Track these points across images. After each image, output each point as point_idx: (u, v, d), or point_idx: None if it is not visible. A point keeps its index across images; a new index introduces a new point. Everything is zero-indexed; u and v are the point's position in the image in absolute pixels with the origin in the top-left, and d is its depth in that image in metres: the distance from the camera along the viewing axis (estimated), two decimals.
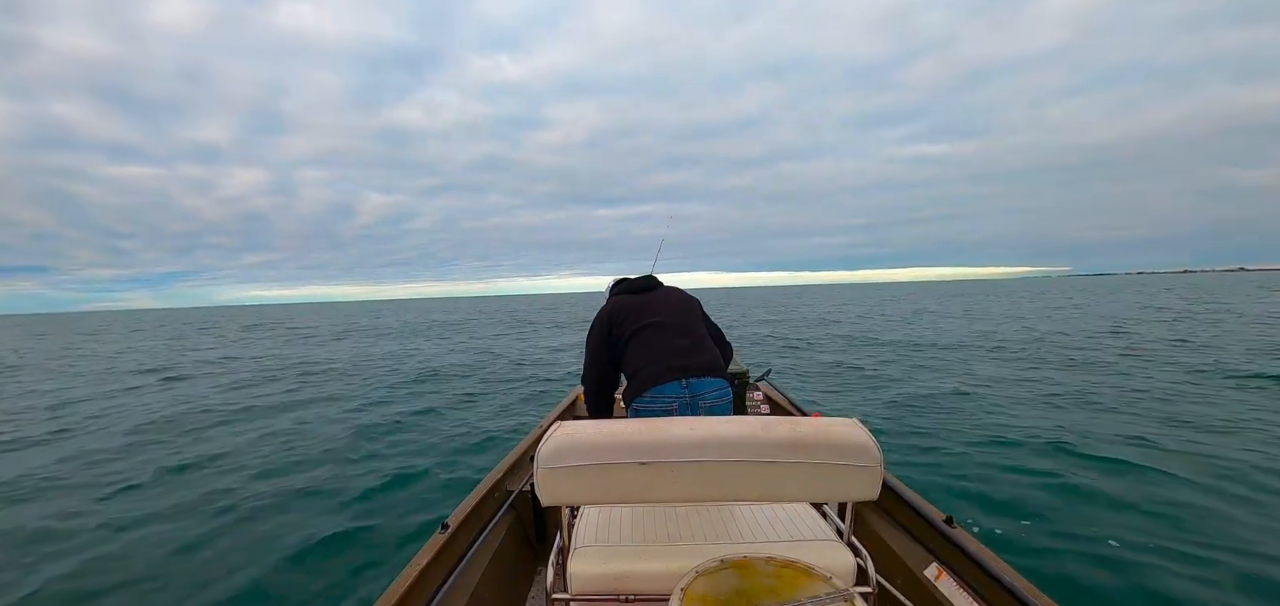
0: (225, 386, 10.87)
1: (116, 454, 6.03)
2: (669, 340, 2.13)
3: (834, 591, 1.21)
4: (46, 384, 12.28)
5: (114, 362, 16.83)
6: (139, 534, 3.84)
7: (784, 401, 3.91)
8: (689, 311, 2.26)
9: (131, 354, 20.06)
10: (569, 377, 10.53)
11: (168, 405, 8.94)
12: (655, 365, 2.07)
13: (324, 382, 10.85)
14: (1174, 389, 7.43)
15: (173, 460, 5.62)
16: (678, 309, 2.25)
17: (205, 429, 7.10)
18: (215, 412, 8.11)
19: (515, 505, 2.45)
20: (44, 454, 6.11)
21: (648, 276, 2.41)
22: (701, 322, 2.29)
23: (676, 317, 2.21)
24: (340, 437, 6.34)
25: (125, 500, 4.53)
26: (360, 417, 7.39)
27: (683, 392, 2.00)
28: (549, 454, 1.36)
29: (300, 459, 5.54)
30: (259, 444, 6.22)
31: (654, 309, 2.22)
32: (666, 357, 2.08)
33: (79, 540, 3.77)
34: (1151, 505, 3.66)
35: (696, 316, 2.28)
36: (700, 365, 2.07)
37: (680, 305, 2.27)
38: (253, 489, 4.67)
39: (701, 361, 2.08)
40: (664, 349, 2.11)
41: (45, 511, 4.31)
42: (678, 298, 2.31)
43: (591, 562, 1.51)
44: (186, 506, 4.32)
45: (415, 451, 5.70)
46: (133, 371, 14.23)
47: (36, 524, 4.05)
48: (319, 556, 3.43)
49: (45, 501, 4.55)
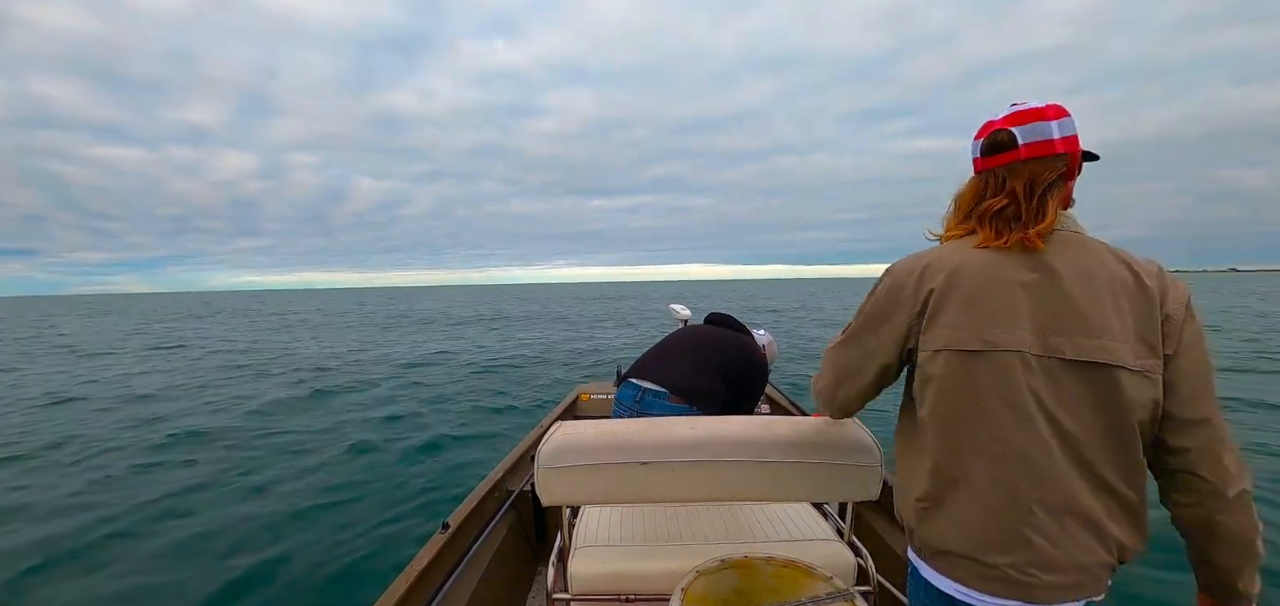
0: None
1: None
2: (662, 354, 2.19)
3: (835, 591, 1.22)
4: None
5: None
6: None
7: (784, 401, 3.91)
8: (705, 341, 2.22)
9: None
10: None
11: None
12: (636, 367, 2.18)
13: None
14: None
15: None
16: (705, 338, 2.24)
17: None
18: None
19: (516, 505, 2.44)
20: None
21: (722, 314, 2.44)
22: (710, 349, 2.18)
23: (691, 341, 2.23)
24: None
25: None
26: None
27: (634, 407, 2.06)
28: (549, 454, 1.36)
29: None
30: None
31: (691, 334, 2.29)
32: (645, 364, 2.17)
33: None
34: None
35: (711, 348, 2.18)
36: (668, 378, 2.06)
37: (710, 337, 2.25)
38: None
39: (670, 377, 2.06)
40: (650, 358, 2.19)
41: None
42: (718, 333, 2.29)
43: (592, 562, 1.52)
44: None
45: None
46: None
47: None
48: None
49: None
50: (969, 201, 0.92)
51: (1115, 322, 0.78)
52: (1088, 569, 0.80)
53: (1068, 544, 0.80)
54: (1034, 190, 0.84)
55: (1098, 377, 0.78)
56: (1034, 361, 0.80)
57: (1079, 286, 0.80)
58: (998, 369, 0.81)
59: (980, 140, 0.90)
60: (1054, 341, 0.80)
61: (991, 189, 0.88)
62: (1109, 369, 0.78)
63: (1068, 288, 0.80)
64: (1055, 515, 0.80)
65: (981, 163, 0.90)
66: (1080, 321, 0.79)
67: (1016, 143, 0.85)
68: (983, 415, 0.83)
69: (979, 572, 0.83)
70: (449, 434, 6.02)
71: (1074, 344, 0.79)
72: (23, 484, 4.71)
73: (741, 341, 2.26)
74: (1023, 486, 0.80)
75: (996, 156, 0.87)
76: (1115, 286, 0.80)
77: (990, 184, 0.88)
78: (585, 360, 12.03)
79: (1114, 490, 0.80)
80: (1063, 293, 0.81)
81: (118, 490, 4.51)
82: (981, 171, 0.90)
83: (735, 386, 2.14)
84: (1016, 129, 0.85)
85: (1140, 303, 0.79)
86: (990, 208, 0.87)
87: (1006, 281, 0.83)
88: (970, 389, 0.83)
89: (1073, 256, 0.83)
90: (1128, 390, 0.77)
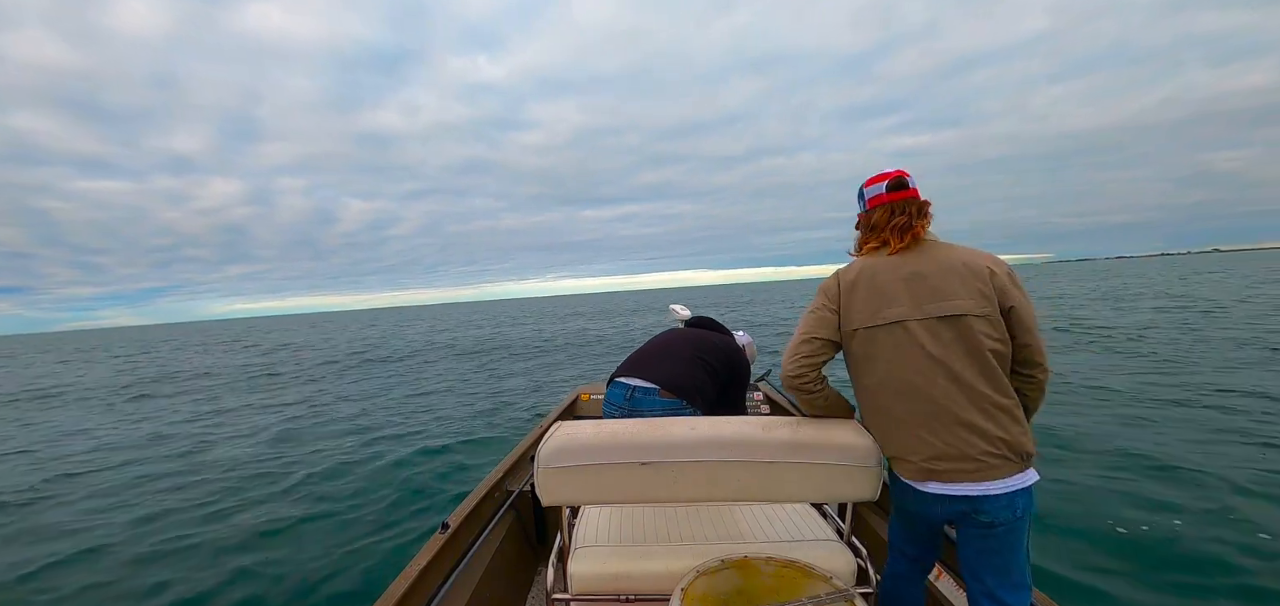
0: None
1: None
2: (651, 353, 2.23)
3: (834, 591, 1.23)
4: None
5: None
6: None
7: (784, 402, 3.93)
8: (691, 340, 2.29)
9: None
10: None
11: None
12: (624, 366, 2.22)
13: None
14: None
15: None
16: (692, 337, 2.31)
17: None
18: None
19: (515, 505, 2.44)
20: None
21: (705, 317, 2.59)
22: (696, 349, 2.25)
23: (678, 341, 2.28)
24: None
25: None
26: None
27: (624, 405, 2.09)
28: (549, 454, 1.37)
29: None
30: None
31: (678, 334, 2.35)
32: (634, 362, 2.20)
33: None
34: (1150, 498, 3.67)
35: (697, 346, 2.25)
36: (656, 374, 2.09)
37: (696, 337, 2.32)
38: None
39: (661, 373, 2.09)
40: (639, 358, 2.22)
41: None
42: (703, 333, 2.38)
43: (592, 562, 1.52)
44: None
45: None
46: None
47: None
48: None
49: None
50: (883, 220, 1.39)
51: (960, 289, 1.26)
52: (975, 458, 1.21)
53: (956, 442, 1.23)
54: (920, 212, 1.38)
55: (958, 325, 1.25)
56: (916, 323, 1.28)
57: (937, 272, 1.29)
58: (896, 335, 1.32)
59: (886, 181, 1.39)
60: (928, 307, 1.28)
61: (897, 211, 1.37)
62: (962, 317, 1.25)
63: (929, 274, 1.30)
64: (945, 423, 1.24)
65: (888, 197, 1.39)
66: (940, 293, 1.27)
67: (908, 184, 1.38)
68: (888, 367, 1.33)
69: (912, 468, 1.29)
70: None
71: (939, 306, 1.27)
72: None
73: (724, 341, 2.37)
74: (922, 407, 1.27)
75: (899, 192, 1.37)
76: (959, 269, 1.28)
77: (895, 209, 1.37)
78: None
79: (987, 399, 1.23)
80: (927, 277, 1.30)
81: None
82: (888, 203, 1.39)
83: (721, 383, 2.24)
84: (907, 178, 1.39)
85: (972, 276, 1.27)
86: (898, 223, 1.36)
87: (893, 276, 1.33)
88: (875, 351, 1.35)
89: (932, 254, 1.32)
90: (976, 328, 1.24)
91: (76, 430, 8.69)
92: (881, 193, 1.39)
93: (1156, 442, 4.66)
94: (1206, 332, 11.12)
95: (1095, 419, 5.48)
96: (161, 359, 24.63)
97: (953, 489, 1.24)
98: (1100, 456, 4.42)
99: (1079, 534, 3.23)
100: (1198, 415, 5.42)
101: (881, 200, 1.39)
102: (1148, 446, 4.55)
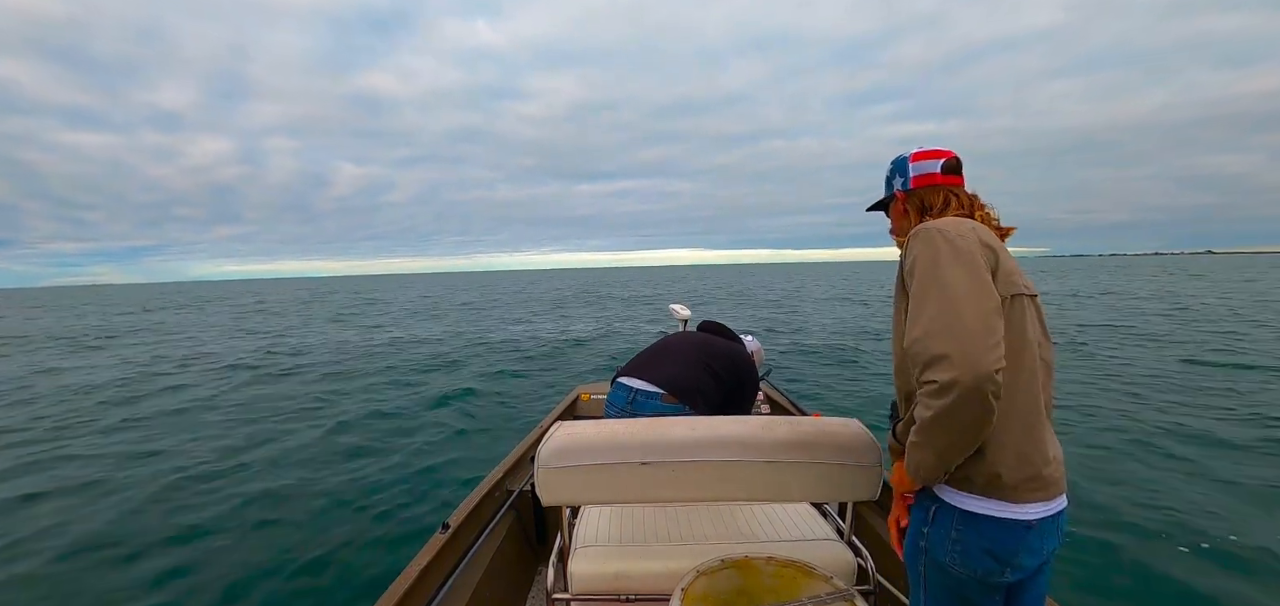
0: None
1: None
2: (656, 355, 2.23)
3: (835, 591, 1.24)
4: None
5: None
6: None
7: (784, 401, 3.92)
8: (696, 344, 2.28)
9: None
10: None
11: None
12: (628, 367, 2.22)
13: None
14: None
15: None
16: (698, 341, 2.30)
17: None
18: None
19: (516, 505, 2.44)
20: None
21: (713, 322, 2.54)
22: (701, 353, 2.22)
23: (685, 344, 2.27)
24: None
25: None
26: None
27: (625, 408, 2.09)
28: (550, 454, 1.37)
29: None
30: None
31: (685, 337, 2.34)
32: (638, 365, 2.19)
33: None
34: (1153, 497, 3.64)
35: (704, 350, 2.23)
36: (659, 377, 2.09)
37: (703, 341, 2.31)
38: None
39: (665, 376, 2.09)
40: (644, 360, 2.22)
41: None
42: (710, 338, 2.35)
43: (592, 562, 1.52)
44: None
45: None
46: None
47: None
48: None
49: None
50: (937, 203, 1.20)
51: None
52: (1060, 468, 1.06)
53: (1052, 446, 1.05)
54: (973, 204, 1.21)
55: (1039, 307, 1.10)
56: (1028, 299, 1.07)
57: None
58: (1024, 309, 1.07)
59: (940, 161, 1.21)
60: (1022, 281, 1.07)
61: (956, 199, 1.20)
62: (1035, 297, 1.09)
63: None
64: (1043, 423, 1.04)
65: (943, 179, 1.21)
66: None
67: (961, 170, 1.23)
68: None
69: (1007, 485, 1.02)
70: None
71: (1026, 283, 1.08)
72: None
73: (731, 347, 2.32)
74: (1032, 401, 1.03)
75: (954, 177, 1.21)
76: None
77: (952, 196, 1.20)
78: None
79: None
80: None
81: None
82: (942, 186, 1.21)
83: (727, 389, 2.19)
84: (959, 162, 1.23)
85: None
86: (964, 203, 1.19)
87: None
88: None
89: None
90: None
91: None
92: (934, 172, 1.20)
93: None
94: (1158, 333, 11.14)
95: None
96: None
97: (1056, 506, 1.01)
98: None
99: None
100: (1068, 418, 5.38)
101: (934, 181, 1.20)
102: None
